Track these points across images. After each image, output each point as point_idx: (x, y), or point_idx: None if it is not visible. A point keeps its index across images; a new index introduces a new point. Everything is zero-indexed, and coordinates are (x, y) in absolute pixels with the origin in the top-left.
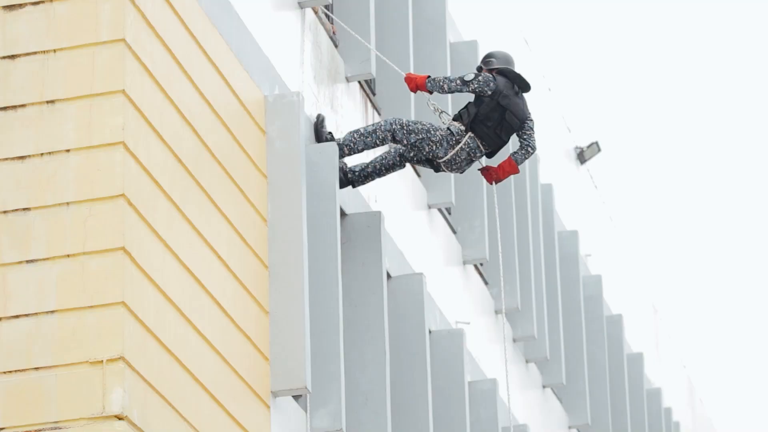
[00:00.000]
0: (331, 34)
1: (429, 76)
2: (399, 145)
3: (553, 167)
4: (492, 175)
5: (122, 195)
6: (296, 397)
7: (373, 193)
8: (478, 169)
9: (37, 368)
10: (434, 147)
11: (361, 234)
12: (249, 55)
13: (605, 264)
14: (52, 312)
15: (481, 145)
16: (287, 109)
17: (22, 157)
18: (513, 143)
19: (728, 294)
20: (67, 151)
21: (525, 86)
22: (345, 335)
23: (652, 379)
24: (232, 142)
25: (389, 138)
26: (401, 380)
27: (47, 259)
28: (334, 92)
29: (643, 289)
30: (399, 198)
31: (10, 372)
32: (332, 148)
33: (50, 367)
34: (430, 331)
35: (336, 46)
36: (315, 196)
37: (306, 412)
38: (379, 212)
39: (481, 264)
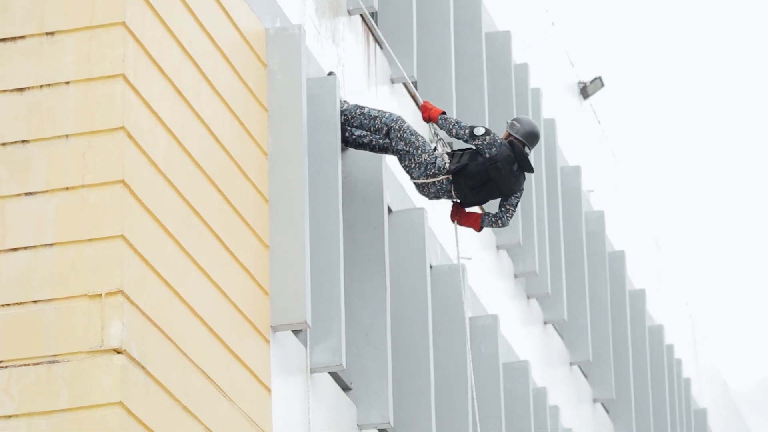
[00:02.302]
0: None
1: (444, 113)
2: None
3: (556, 102)
4: (454, 214)
5: (122, 127)
6: (296, 332)
7: None
8: (451, 200)
9: (35, 301)
10: (411, 166)
11: (362, 168)
12: None
13: (608, 200)
14: (51, 245)
15: (453, 192)
16: (288, 42)
17: (21, 89)
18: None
19: (732, 230)
20: (67, 83)
21: (526, 167)
22: (345, 270)
23: (654, 316)
24: (233, 75)
25: (383, 131)
26: (402, 315)
27: (46, 191)
28: (336, 25)
29: (646, 225)
30: None
31: (8, 305)
32: (333, 81)
33: (48, 300)
34: (431, 266)
35: None
36: (316, 130)
37: (306, 347)
38: None
39: None
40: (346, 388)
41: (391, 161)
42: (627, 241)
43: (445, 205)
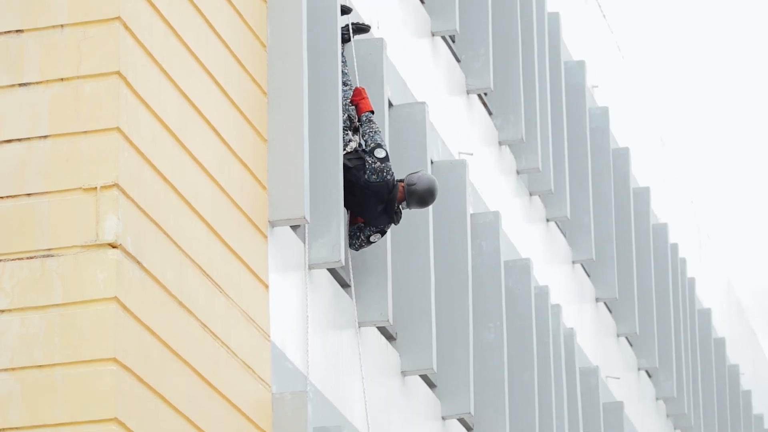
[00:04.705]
0: None
1: (372, 112)
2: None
3: None
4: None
5: (118, 18)
6: (294, 228)
7: (375, 19)
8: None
9: (29, 194)
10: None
11: (363, 61)
12: None
13: (612, 95)
14: (45, 137)
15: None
16: None
17: None
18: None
19: (739, 128)
20: None
21: (389, 215)
22: None
23: (659, 214)
24: None
25: (350, 122)
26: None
27: (40, 82)
28: None
29: (651, 121)
30: (402, 25)
31: (1, 198)
32: None
33: (42, 193)
34: (432, 162)
35: None
36: (315, 21)
37: (304, 242)
38: (381, 39)
39: (485, 93)
40: (344, 284)
41: (391, 53)
42: (632, 138)
43: (448, 101)
